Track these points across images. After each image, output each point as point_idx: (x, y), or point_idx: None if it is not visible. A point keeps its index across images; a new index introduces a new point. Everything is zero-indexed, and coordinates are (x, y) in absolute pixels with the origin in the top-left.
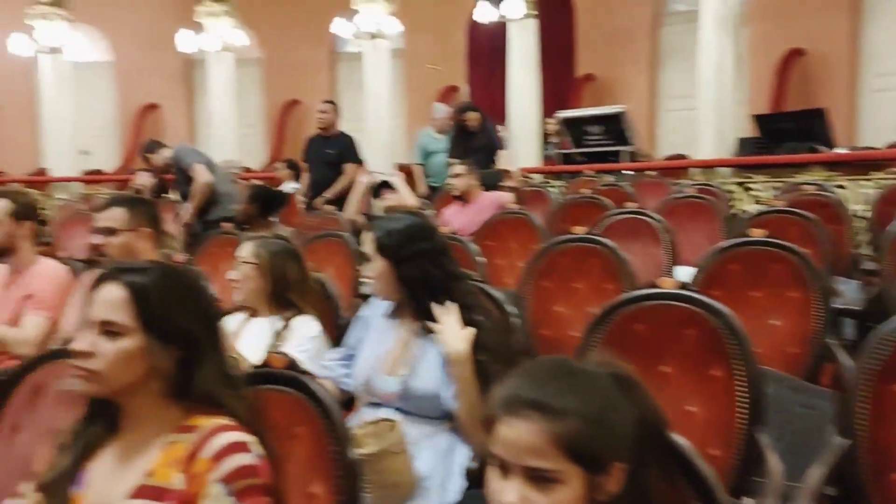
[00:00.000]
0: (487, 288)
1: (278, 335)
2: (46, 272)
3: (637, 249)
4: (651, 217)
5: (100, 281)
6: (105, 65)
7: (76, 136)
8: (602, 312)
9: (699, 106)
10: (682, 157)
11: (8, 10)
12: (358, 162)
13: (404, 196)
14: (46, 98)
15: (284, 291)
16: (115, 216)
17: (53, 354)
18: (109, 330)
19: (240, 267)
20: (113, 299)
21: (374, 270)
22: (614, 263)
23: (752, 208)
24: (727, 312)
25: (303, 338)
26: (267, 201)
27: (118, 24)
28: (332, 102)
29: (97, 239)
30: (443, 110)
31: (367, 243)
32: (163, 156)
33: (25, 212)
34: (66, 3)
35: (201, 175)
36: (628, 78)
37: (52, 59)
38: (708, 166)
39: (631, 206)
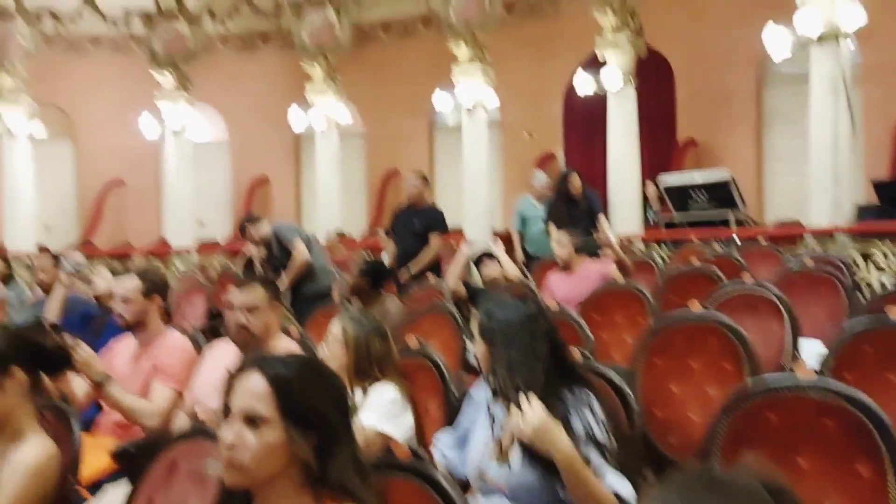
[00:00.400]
0: (598, 366)
1: (358, 406)
2: (173, 345)
3: (754, 325)
4: (769, 291)
5: (242, 369)
6: (221, 143)
7: (194, 208)
8: (731, 400)
9: (812, 171)
10: (793, 223)
11: (139, 92)
12: (444, 233)
13: (505, 266)
14: (170, 175)
15: (367, 366)
16: (256, 295)
17: (189, 433)
18: (252, 419)
19: (329, 342)
20: (256, 391)
21: (478, 352)
22: (733, 342)
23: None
24: (873, 405)
25: (380, 401)
26: (377, 275)
27: (234, 104)
28: (421, 174)
29: (239, 318)
30: (542, 178)
31: (474, 321)
32: (262, 230)
33: (154, 288)
34: (188, 86)
35: (301, 252)
36: (732, 142)
37: (177, 139)
38: (826, 234)
39: (747, 279)
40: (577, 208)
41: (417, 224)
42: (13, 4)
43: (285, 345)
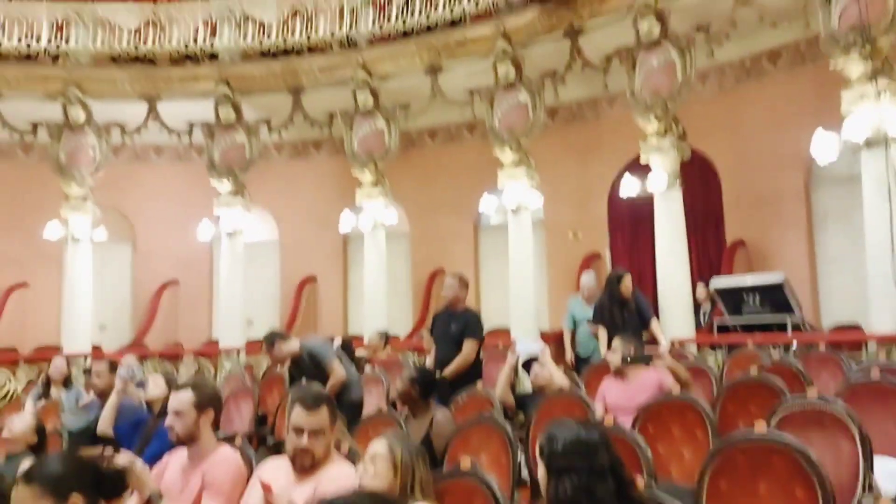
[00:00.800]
0: (662, 496)
1: None
2: (223, 461)
3: (822, 443)
4: (837, 407)
5: None
6: (272, 243)
7: (243, 307)
8: None
9: (870, 275)
10: (853, 327)
11: (197, 198)
12: (478, 339)
13: (553, 375)
14: (222, 276)
15: (411, 489)
16: (322, 418)
17: None
18: None
19: (374, 460)
20: None
21: (539, 474)
22: (803, 466)
23: None
24: None
25: None
26: (427, 383)
27: (286, 207)
28: (458, 276)
29: (304, 442)
30: (591, 279)
31: (522, 430)
32: (292, 347)
33: (207, 402)
34: (244, 191)
35: (339, 374)
36: (783, 243)
37: (230, 241)
38: (890, 341)
39: (811, 393)
40: (628, 310)
41: (454, 328)
42: (84, 118)
43: (340, 466)
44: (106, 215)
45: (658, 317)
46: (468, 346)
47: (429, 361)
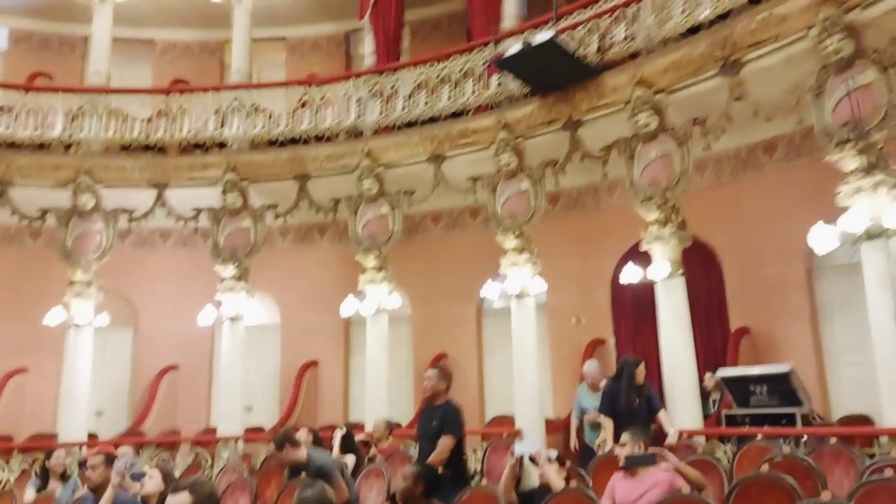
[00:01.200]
0: None
1: None
2: None
3: None
4: None
5: None
6: (274, 327)
7: (243, 393)
8: None
9: (878, 367)
10: (863, 418)
11: (200, 283)
12: (455, 436)
13: (551, 478)
14: (223, 361)
15: None
16: None
17: None
18: None
19: None
20: None
21: None
22: None
23: None
24: None
25: None
26: (431, 483)
27: (288, 291)
28: (439, 368)
29: None
30: (594, 367)
31: None
32: (300, 455)
33: (205, 502)
34: (247, 276)
35: (343, 491)
36: (787, 332)
37: (232, 326)
38: None
39: (825, 497)
40: (640, 398)
41: (434, 423)
42: (93, 204)
43: None
44: (109, 299)
45: (665, 406)
46: (443, 443)
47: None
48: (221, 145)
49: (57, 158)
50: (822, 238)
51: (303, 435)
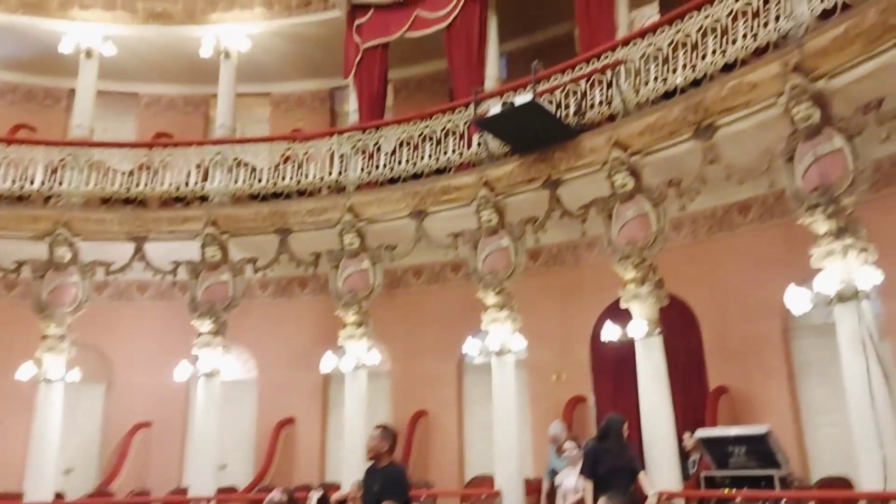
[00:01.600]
0: None
1: None
2: None
3: None
4: None
5: None
6: (250, 382)
7: (216, 452)
8: None
9: (854, 430)
10: (841, 480)
11: (176, 337)
12: (398, 501)
13: None
14: (197, 418)
15: None
16: None
17: None
18: None
19: None
20: None
21: None
22: None
23: None
24: None
25: None
26: None
27: (266, 345)
28: (382, 427)
29: None
30: (558, 428)
31: None
32: None
33: None
34: (225, 331)
35: None
36: (765, 391)
37: (207, 381)
38: (880, 499)
39: None
40: (623, 458)
41: (375, 487)
42: (70, 257)
43: None
44: (83, 353)
45: (644, 466)
46: None
47: None
48: (203, 199)
49: (36, 211)
50: (797, 299)
51: (277, 496)
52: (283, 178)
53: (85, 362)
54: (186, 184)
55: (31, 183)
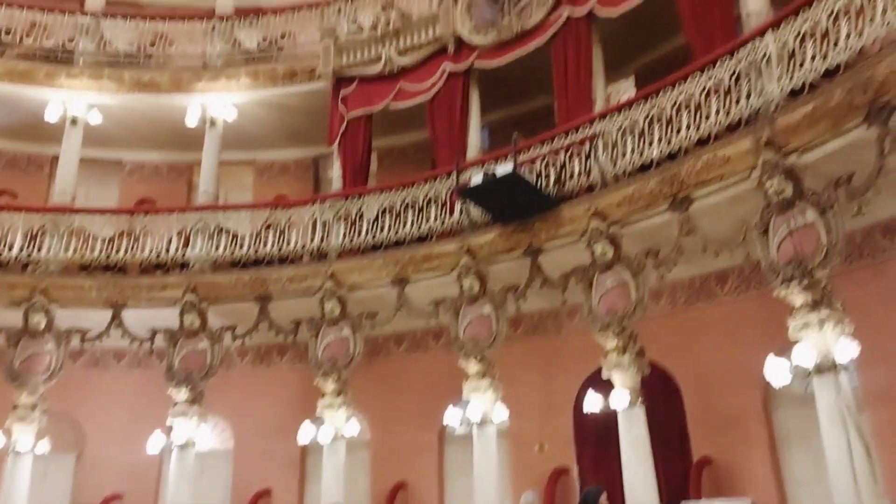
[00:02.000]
0: None
1: None
2: None
3: None
4: None
5: None
6: (226, 453)
7: None
8: None
9: (835, 501)
10: None
11: (151, 406)
12: None
13: None
14: (170, 490)
15: None
16: None
17: None
18: None
19: None
20: None
21: None
22: None
23: None
24: None
25: None
26: None
27: (243, 415)
28: None
29: None
30: (531, 497)
31: None
32: None
33: None
34: (201, 400)
35: None
36: (748, 462)
37: (181, 453)
38: None
39: None
40: None
41: None
42: (45, 324)
43: None
44: (54, 422)
45: None
46: None
47: None
48: (183, 266)
49: (13, 278)
50: (776, 370)
51: None
52: (265, 245)
53: (56, 432)
54: (167, 250)
55: (10, 249)
